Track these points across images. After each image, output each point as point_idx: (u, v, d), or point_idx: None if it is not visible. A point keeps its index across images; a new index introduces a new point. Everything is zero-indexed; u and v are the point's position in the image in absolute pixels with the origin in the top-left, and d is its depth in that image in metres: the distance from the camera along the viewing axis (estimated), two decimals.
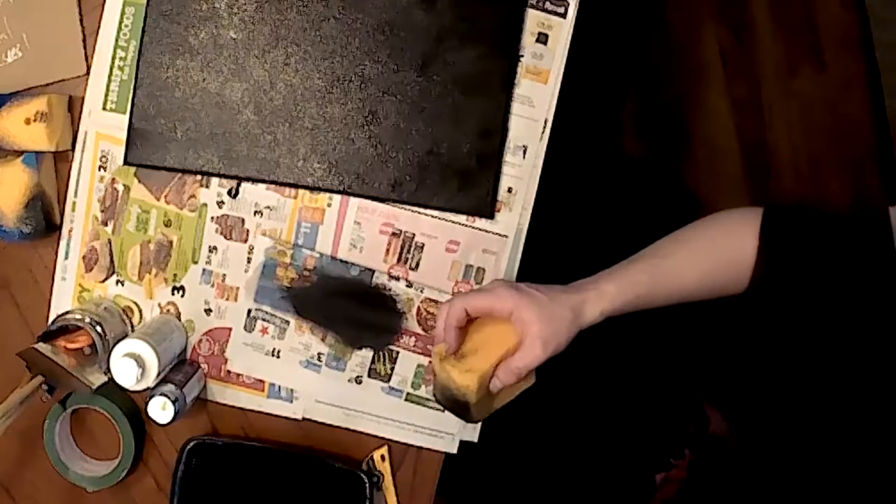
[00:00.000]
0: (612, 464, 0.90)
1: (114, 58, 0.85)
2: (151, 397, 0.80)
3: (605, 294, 0.73)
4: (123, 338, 0.81)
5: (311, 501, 0.86)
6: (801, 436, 0.68)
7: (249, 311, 0.86)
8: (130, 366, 0.77)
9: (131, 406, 0.88)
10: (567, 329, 0.71)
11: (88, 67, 0.85)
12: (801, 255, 0.68)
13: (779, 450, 0.70)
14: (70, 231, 0.87)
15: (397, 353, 0.87)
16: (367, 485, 0.84)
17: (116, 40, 0.85)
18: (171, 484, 0.85)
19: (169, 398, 0.79)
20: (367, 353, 0.87)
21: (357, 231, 0.85)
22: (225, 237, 0.86)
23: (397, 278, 0.85)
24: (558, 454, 0.93)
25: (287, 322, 0.86)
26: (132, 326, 0.87)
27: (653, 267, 0.74)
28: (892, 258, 0.65)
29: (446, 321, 0.74)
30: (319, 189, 0.84)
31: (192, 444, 0.85)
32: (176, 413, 0.80)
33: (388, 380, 0.87)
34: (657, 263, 0.74)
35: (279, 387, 0.88)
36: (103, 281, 0.87)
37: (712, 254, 0.73)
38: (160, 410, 0.80)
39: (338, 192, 0.84)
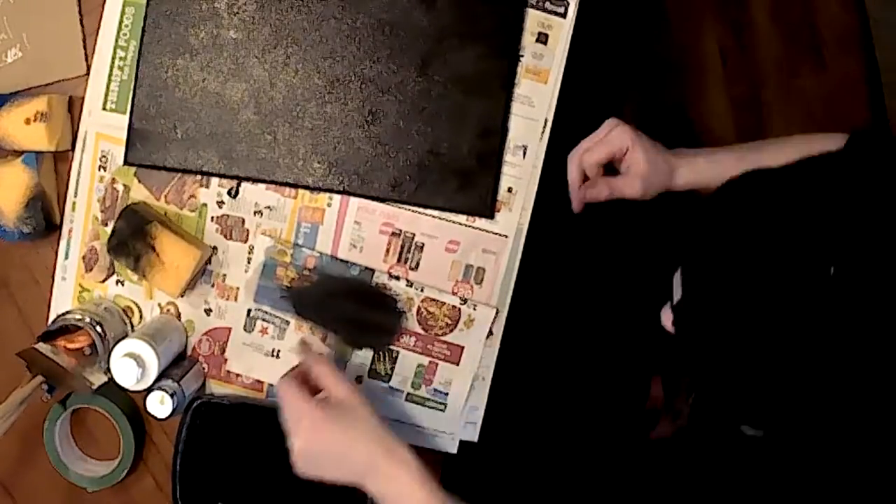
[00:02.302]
0: (611, 463, 0.90)
1: (114, 58, 0.85)
2: (149, 392, 0.80)
3: (696, 165, 0.78)
4: (124, 338, 0.81)
5: None
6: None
7: (249, 311, 0.86)
8: (130, 366, 0.77)
9: (131, 406, 0.88)
10: (661, 182, 0.77)
11: (88, 67, 0.85)
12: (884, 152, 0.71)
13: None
14: (70, 231, 0.87)
15: (397, 352, 0.87)
16: None
17: (116, 40, 0.85)
18: (174, 442, 0.84)
19: (167, 392, 0.79)
20: (367, 353, 0.87)
21: (357, 231, 0.85)
22: (225, 237, 0.86)
23: (397, 278, 0.85)
24: (558, 454, 0.93)
25: (287, 322, 0.86)
26: (132, 326, 0.87)
27: (744, 151, 0.78)
28: None
29: (581, 167, 0.78)
30: (319, 189, 0.84)
31: (197, 402, 0.84)
32: (174, 407, 0.80)
33: (389, 380, 0.87)
34: (748, 149, 0.79)
35: None
36: (103, 281, 0.87)
37: (801, 150, 0.76)
38: (158, 405, 0.80)
39: (338, 192, 0.84)
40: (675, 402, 0.85)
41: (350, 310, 0.85)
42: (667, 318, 0.70)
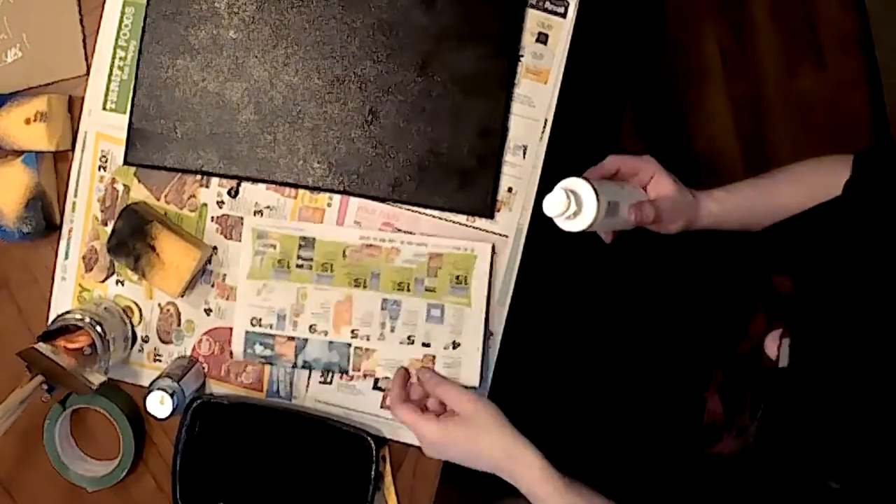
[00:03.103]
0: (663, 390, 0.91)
1: (114, 58, 0.85)
2: (149, 392, 0.80)
3: (716, 197, 0.82)
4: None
5: (318, 463, 0.85)
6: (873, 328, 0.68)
7: None
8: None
9: (131, 406, 0.88)
10: (686, 210, 0.80)
11: (88, 67, 0.85)
12: (888, 171, 0.75)
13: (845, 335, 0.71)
14: (70, 231, 0.87)
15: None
16: (374, 447, 0.83)
17: (116, 40, 0.85)
18: (174, 442, 0.84)
19: (167, 392, 0.79)
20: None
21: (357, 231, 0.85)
22: (225, 237, 0.86)
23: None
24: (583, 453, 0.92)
25: None
26: (132, 326, 0.87)
27: (758, 183, 0.84)
28: None
29: (602, 169, 0.80)
30: (319, 189, 0.84)
31: (197, 402, 0.84)
32: (174, 407, 0.80)
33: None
34: (761, 181, 0.84)
35: (278, 387, 0.88)
36: (103, 281, 0.87)
37: (810, 179, 0.83)
38: (158, 405, 0.80)
39: (338, 192, 0.84)
40: (737, 419, 0.85)
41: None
42: (772, 344, 0.71)
